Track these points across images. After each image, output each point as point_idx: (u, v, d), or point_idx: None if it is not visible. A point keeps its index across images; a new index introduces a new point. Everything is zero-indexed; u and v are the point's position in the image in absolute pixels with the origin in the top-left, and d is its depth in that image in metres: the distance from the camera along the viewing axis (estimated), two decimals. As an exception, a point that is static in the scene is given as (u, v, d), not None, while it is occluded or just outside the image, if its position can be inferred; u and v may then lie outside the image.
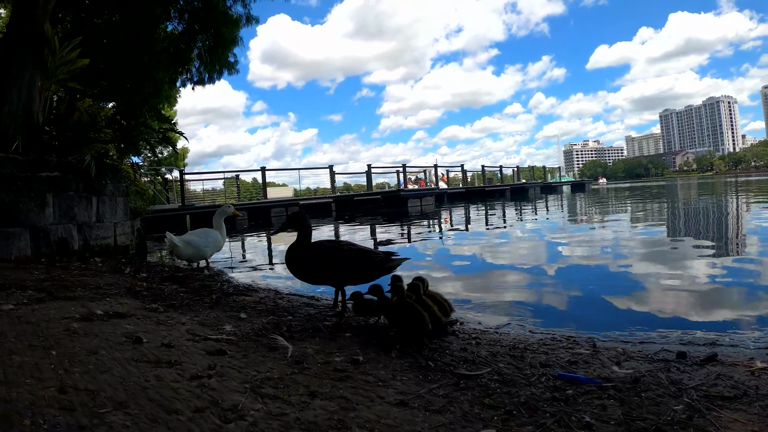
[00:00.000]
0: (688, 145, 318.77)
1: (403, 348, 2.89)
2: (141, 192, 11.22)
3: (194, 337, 2.86)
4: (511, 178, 48.21)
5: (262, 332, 3.15)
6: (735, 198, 19.69)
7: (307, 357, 2.66)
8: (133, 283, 4.96)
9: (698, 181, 73.94)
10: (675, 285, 4.97)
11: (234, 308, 3.97)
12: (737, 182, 47.88)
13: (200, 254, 7.18)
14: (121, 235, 8.65)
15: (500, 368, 2.52)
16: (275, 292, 5.03)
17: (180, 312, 3.66)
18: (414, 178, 33.58)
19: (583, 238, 9.10)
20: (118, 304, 3.72)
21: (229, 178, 27.60)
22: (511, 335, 3.33)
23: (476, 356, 2.74)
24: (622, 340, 3.17)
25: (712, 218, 12.18)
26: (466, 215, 18.82)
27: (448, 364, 2.61)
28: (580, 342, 3.07)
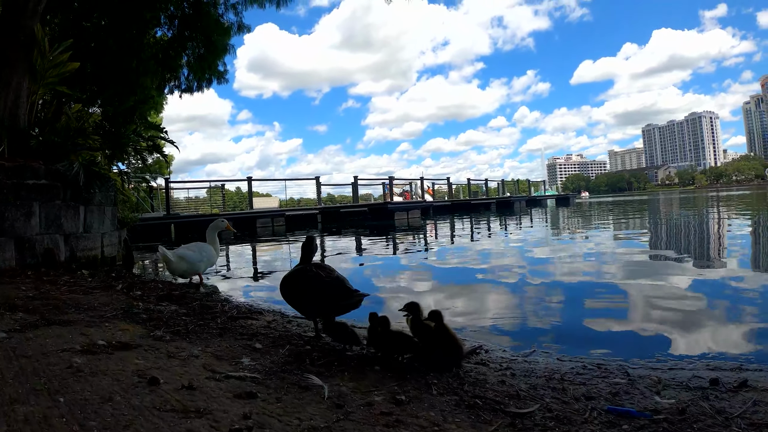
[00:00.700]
0: (670, 160, 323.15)
1: (432, 377, 2.71)
2: (126, 200, 10.83)
3: (214, 375, 2.54)
4: (496, 191, 48.23)
5: (285, 367, 2.85)
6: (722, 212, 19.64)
7: (345, 398, 2.37)
8: (129, 303, 4.61)
9: (680, 195, 74.45)
10: (682, 303, 4.89)
11: (244, 335, 3.64)
12: (718, 196, 48.28)
13: (194, 269, 6.84)
14: (108, 246, 8.26)
15: (548, 404, 2.35)
16: (281, 315, 4.72)
17: (188, 341, 3.32)
18: (400, 190, 33.30)
19: (580, 255, 8.85)
20: (119, 331, 3.38)
21: (215, 186, 27.13)
22: (541, 364, 3.15)
23: (518, 390, 2.55)
24: (651, 367, 3.04)
25: (705, 234, 12.00)
26: (452, 229, 18.50)
27: (495, 401, 2.38)
28: (612, 370, 2.95)
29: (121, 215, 9.32)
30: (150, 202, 22.58)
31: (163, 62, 11.84)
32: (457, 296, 5.82)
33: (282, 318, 4.58)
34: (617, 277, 6.59)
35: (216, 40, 12.37)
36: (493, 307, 5.21)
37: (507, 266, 8.00)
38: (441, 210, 33.61)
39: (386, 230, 18.54)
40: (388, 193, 31.53)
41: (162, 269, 9.13)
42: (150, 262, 10.55)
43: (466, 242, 13.11)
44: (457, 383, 2.63)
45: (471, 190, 43.14)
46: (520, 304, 5.31)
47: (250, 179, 25.53)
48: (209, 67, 12.67)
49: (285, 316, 4.68)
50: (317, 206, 27.19)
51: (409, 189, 34.30)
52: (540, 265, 8.05)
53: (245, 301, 5.56)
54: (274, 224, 22.46)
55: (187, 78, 12.80)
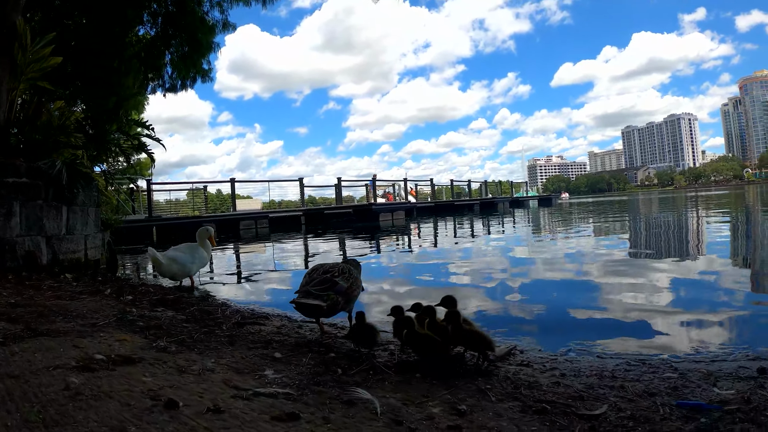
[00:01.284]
0: (650, 161, 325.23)
1: (481, 382, 2.56)
2: (108, 202, 10.32)
3: (239, 392, 2.13)
4: (478, 192, 47.88)
5: (317, 378, 2.49)
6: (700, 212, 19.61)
7: (399, 412, 2.07)
8: (121, 309, 4.16)
9: (659, 195, 75.01)
10: (686, 294, 5.04)
11: (258, 343, 3.23)
12: (697, 196, 48.60)
13: (185, 271, 6.40)
14: (92, 248, 7.75)
15: (615, 403, 2.24)
16: (288, 319, 4.33)
17: (197, 352, 2.89)
18: (382, 192, 32.86)
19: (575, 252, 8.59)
20: (116, 342, 2.93)
21: (197, 188, 26.47)
22: (583, 362, 3.01)
23: (577, 390, 2.43)
24: (693, 360, 2.99)
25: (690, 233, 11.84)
26: (441, 231, 18.18)
27: (561, 404, 2.23)
28: (657, 365, 2.88)
29: (105, 216, 8.82)
30: (131, 204, 21.93)
31: (146, 61, 11.33)
32: (471, 297, 5.45)
33: (290, 322, 4.21)
34: (628, 273, 6.36)
35: (201, 38, 11.88)
36: (507, 305, 4.96)
37: (513, 265, 7.75)
38: (424, 211, 33.19)
39: (372, 231, 18.13)
40: (372, 194, 31.11)
41: (148, 272, 8.68)
42: (133, 266, 10.08)
43: (466, 243, 12.76)
44: (512, 387, 2.47)
45: (454, 191, 42.82)
46: (531, 299, 5.18)
47: (233, 180, 24.90)
48: (194, 65, 12.19)
49: (293, 320, 4.31)
50: (301, 208, 26.69)
51: (392, 190, 33.87)
52: (548, 264, 7.76)
53: (245, 306, 5.13)
54: (257, 226, 21.93)
55: (170, 76, 12.29)
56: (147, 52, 11.49)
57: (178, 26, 11.59)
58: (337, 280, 3.39)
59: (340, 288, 3.37)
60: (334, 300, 3.30)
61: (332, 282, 3.37)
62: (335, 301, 3.31)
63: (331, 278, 3.40)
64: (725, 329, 3.79)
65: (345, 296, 3.39)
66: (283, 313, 4.65)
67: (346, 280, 3.44)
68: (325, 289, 3.33)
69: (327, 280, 3.39)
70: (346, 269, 3.55)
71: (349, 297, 3.45)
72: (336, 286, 3.36)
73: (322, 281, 3.39)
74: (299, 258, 10.64)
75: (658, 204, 34.62)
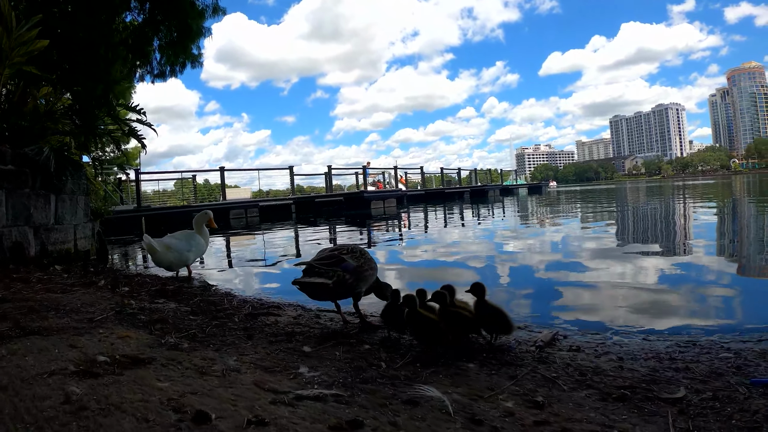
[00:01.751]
0: (637, 150, 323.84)
1: (540, 368, 2.40)
2: (96, 191, 9.85)
3: (278, 396, 1.75)
4: (468, 180, 47.37)
5: (361, 375, 2.16)
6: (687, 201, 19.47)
7: (471, 409, 1.80)
8: (119, 302, 3.75)
9: (646, 184, 75.33)
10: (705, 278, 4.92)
11: (279, 336, 2.85)
12: (684, 185, 48.69)
13: (182, 260, 5.97)
14: (82, 238, 7.30)
15: (689, 385, 2.12)
16: (302, 308, 3.94)
17: (214, 348, 2.50)
18: (372, 180, 32.37)
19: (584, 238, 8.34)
20: (119, 340, 2.52)
21: (186, 178, 25.85)
22: (633, 345, 2.86)
23: (645, 375, 2.29)
24: (740, 340, 2.90)
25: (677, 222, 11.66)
26: (433, 217, 17.87)
27: (639, 388, 2.09)
28: (706, 345, 2.78)
29: (95, 206, 8.36)
30: (119, 194, 21.36)
31: (134, 47, 10.83)
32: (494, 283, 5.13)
33: (306, 311, 3.83)
34: (640, 259, 6.30)
35: (190, 23, 11.39)
36: (524, 290, 4.74)
37: (521, 251, 7.53)
38: (415, 199, 32.71)
39: (364, 219, 17.72)
40: (364, 182, 30.70)
41: (139, 263, 8.25)
42: (124, 256, 9.63)
43: (464, 230, 12.47)
44: (578, 374, 2.29)
45: (444, 179, 42.40)
46: (553, 287, 4.88)
47: (223, 169, 24.19)
48: (183, 50, 11.67)
49: (308, 309, 3.93)
50: (291, 196, 26.19)
51: (382, 179, 33.41)
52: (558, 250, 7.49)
53: (253, 295, 4.73)
54: (247, 215, 21.41)
55: (159, 62, 11.77)
56: (135, 38, 10.99)
57: (167, 11, 11.09)
58: (345, 257, 3.05)
59: (348, 266, 3.01)
60: (341, 277, 2.95)
61: (339, 259, 3.03)
62: (342, 278, 2.96)
63: (339, 255, 3.06)
64: (754, 309, 3.80)
65: (354, 275, 3.02)
66: (294, 302, 4.28)
67: (356, 259, 3.09)
68: (330, 264, 2.99)
69: (334, 256, 3.06)
70: (357, 249, 3.20)
71: (359, 277, 3.06)
72: (343, 263, 3.01)
73: (328, 257, 3.06)
74: (294, 246, 10.24)
75: (646, 192, 34.66)
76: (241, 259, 8.38)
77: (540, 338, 2.90)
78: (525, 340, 2.95)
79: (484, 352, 2.64)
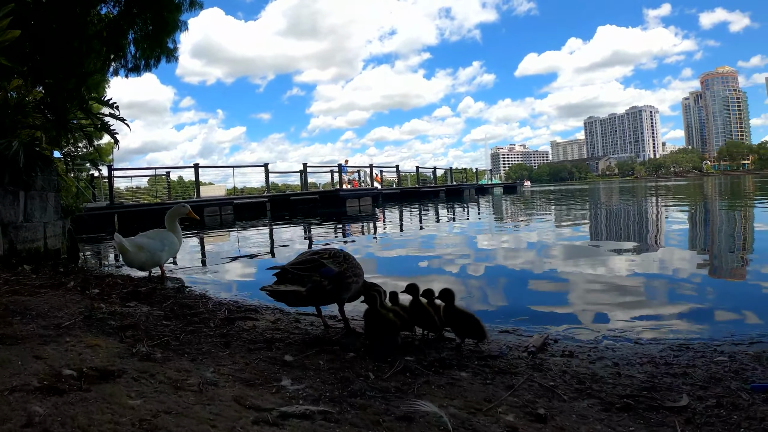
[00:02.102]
0: (611, 151, 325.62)
1: (536, 376, 2.36)
2: (68, 188, 9.57)
3: (261, 415, 1.62)
4: (444, 179, 47.20)
5: (349, 388, 2.04)
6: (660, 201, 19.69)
7: (471, 424, 1.72)
8: (88, 305, 3.56)
9: (620, 185, 76.07)
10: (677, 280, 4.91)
11: (258, 344, 2.70)
12: (657, 186, 49.32)
13: (154, 260, 5.76)
14: (52, 237, 7.04)
15: (691, 392, 2.09)
16: (281, 312, 3.81)
17: (189, 358, 2.34)
18: (348, 178, 32.15)
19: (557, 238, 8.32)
20: (87, 349, 2.35)
21: (160, 174, 25.37)
22: (625, 350, 2.82)
23: (644, 381, 2.25)
24: (733, 343, 2.89)
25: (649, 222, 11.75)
26: (407, 216, 17.79)
27: (642, 398, 2.04)
28: (701, 349, 2.77)
29: (65, 203, 8.09)
30: (92, 191, 20.88)
31: (108, 41, 10.55)
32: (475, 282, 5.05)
33: (284, 315, 3.71)
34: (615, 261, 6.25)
35: (167, 16, 11.13)
36: (510, 293, 4.67)
37: (497, 252, 7.41)
38: (390, 197, 32.57)
39: (340, 217, 17.56)
40: (339, 180, 30.49)
41: (111, 263, 8.00)
42: (96, 255, 9.35)
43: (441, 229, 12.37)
44: (576, 382, 2.24)
45: (420, 178, 42.31)
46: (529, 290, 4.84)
47: (197, 166, 23.81)
48: (159, 44, 11.40)
49: (286, 312, 3.80)
50: (266, 194, 25.88)
51: (357, 177, 33.20)
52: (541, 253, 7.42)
53: (228, 297, 4.57)
54: (222, 213, 21.10)
55: (134, 56, 11.48)
56: (109, 31, 10.70)
57: (143, 4, 10.82)
58: (325, 262, 2.85)
59: (328, 271, 2.82)
60: (317, 283, 2.76)
61: (318, 263, 2.83)
62: (318, 284, 2.76)
63: (319, 259, 2.86)
64: (739, 311, 3.74)
65: (334, 282, 2.82)
66: (271, 304, 4.12)
67: (338, 264, 2.89)
68: (307, 269, 2.79)
69: (312, 260, 2.85)
70: (341, 254, 2.99)
71: (341, 284, 2.86)
72: (323, 268, 2.81)
73: (306, 261, 2.86)
74: (269, 245, 10.05)
75: (620, 192, 35.02)
76: (216, 258, 8.15)
77: (531, 343, 2.84)
78: (516, 345, 2.89)
79: (476, 359, 2.56)
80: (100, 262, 8.30)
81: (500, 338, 3.08)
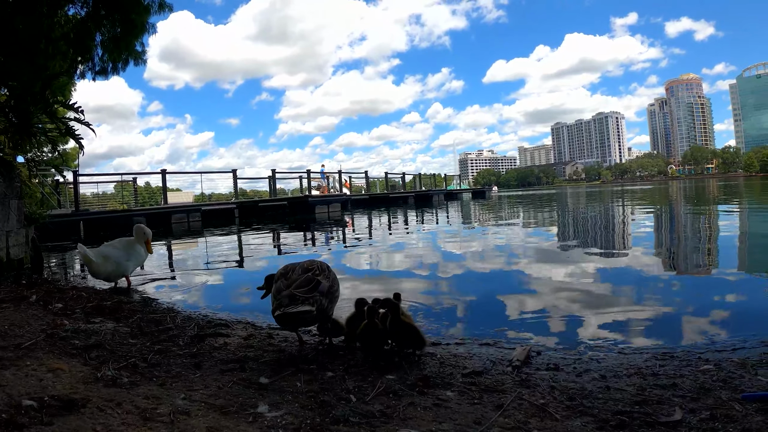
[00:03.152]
0: (578, 156, 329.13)
1: (525, 393, 2.28)
2: (31, 195, 9.27)
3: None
4: (412, 184, 46.95)
5: (332, 413, 1.92)
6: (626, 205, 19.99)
7: None
8: (52, 322, 3.38)
9: (587, 189, 76.92)
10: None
11: (230, 363, 2.57)
12: (623, 190, 50.01)
13: (120, 271, 5.58)
14: (15, 246, 6.78)
15: (683, 404, 2.04)
16: (253, 326, 3.67)
17: (159, 382, 2.20)
18: (316, 184, 31.88)
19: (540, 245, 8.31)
20: (49, 374, 2.19)
21: (127, 180, 24.79)
22: (611, 360, 2.79)
23: (634, 395, 2.19)
24: (716, 350, 2.88)
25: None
26: (376, 222, 17.70)
27: (635, 413, 1.97)
28: (686, 358, 2.74)
29: (29, 210, 7.81)
30: (56, 197, 20.34)
31: (75, 43, 10.28)
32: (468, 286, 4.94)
33: (256, 330, 3.56)
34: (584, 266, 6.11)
35: (134, 18, 10.88)
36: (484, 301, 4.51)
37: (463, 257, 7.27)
38: (359, 204, 32.33)
39: (309, 224, 17.39)
40: (309, 187, 30.24)
41: (77, 272, 7.73)
42: (60, 265, 9.04)
43: (409, 236, 12.27)
44: (566, 398, 2.15)
45: (389, 183, 42.14)
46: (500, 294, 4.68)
47: (164, 172, 23.22)
48: (126, 47, 11.12)
49: (258, 327, 3.68)
50: (234, 201, 25.49)
51: (326, 182, 32.95)
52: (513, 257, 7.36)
53: (197, 309, 4.41)
54: (189, 219, 20.71)
55: (101, 58, 11.20)
56: (76, 33, 10.44)
57: (111, 5, 10.58)
58: (319, 279, 2.78)
59: (323, 288, 2.76)
60: (320, 302, 2.71)
61: (316, 282, 2.75)
62: (320, 304, 2.71)
63: (314, 277, 2.78)
64: (716, 317, 3.78)
65: (328, 297, 2.80)
66: (242, 318, 4.01)
67: (326, 278, 2.84)
68: (310, 290, 2.70)
69: (310, 279, 2.76)
70: (325, 266, 2.95)
71: (332, 298, 2.85)
72: (320, 286, 2.75)
73: (305, 281, 2.75)
74: (237, 253, 9.86)
75: (586, 197, 35.38)
76: (184, 267, 7.92)
77: (515, 357, 2.78)
78: (499, 358, 2.83)
79: (460, 375, 2.50)
80: (65, 272, 8.02)
81: (482, 351, 3.02)
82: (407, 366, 2.63)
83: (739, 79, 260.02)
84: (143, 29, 11.29)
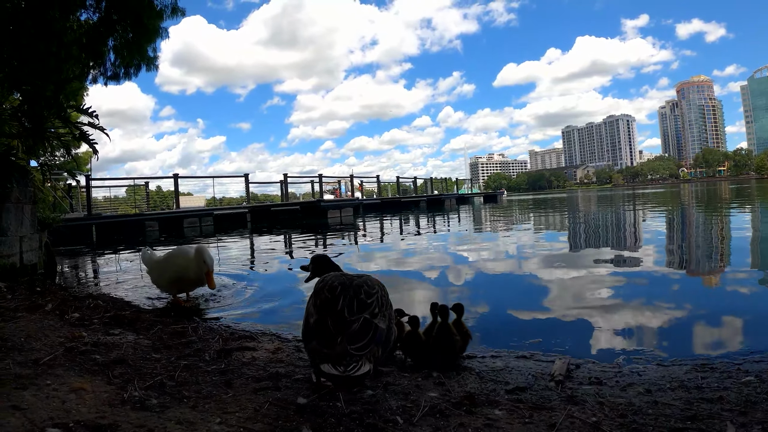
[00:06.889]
0: (589, 159, 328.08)
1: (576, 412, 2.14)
2: (44, 199, 9.17)
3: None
4: (424, 188, 46.70)
5: None
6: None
7: None
8: (70, 334, 3.22)
9: (598, 193, 76.48)
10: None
11: (263, 381, 2.39)
12: (635, 194, 49.70)
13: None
14: (29, 251, 6.66)
15: (734, 419, 1.98)
16: (279, 339, 3.52)
17: (190, 404, 2.02)
18: (330, 188, 31.83)
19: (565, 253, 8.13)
20: (72, 394, 2.02)
21: (138, 184, 24.81)
22: (651, 372, 2.76)
23: (682, 410, 2.12)
24: (754, 360, 2.84)
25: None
26: (383, 227, 17.55)
27: (694, 430, 1.91)
28: (727, 369, 2.71)
29: (42, 215, 7.69)
30: (69, 201, 20.31)
31: (87, 47, 10.21)
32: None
33: (284, 343, 3.39)
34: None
35: (147, 23, 10.78)
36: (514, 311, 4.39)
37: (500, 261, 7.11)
38: (371, 208, 32.14)
39: (323, 229, 17.24)
40: (321, 191, 30.13)
41: (89, 278, 7.61)
42: (72, 270, 8.94)
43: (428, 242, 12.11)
44: (617, 415, 2.05)
45: (400, 188, 42.01)
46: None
47: (177, 176, 23.27)
48: (139, 51, 11.02)
49: (284, 339, 3.53)
50: (246, 205, 25.41)
51: (338, 187, 32.86)
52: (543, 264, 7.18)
53: (219, 321, 4.26)
54: (201, 224, 20.63)
55: (113, 63, 11.11)
56: (89, 37, 10.38)
57: (124, 10, 10.51)
58: (377, 322, 2.13)
59: (380, 336, 2.12)
60: (377, 356, 2.12)
61: (374, 330, 2.08)
62: (377, 357, 2.13)
63: (371, 320, 2.11)
64: (750, 325, 3.72)
65: (384, 346, 2.19)
66: (265, 329, 3.88)
67: (383, 316, 2.21)
68: (368, 343, 2.03)
69: (367, 324, 2.08)
70: (381, 293, 2.27)
71: (387, 342, 2.24)
72: (377, 335, 2.10)
73: (362, 331, 2.05)
74: (248, 256, 9.72)
75: (598, 201, 35.18)
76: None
77: (557, 371, 2.69)
78: (539, 372, 2.74)
79: (504, 392, 2.41)
80: (79, 278, 7.90)
81: (520, 365, 2.93)
82: (447, 381, 2.49)
83: (750, 81, 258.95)
84: (156, 34, 11.19)
